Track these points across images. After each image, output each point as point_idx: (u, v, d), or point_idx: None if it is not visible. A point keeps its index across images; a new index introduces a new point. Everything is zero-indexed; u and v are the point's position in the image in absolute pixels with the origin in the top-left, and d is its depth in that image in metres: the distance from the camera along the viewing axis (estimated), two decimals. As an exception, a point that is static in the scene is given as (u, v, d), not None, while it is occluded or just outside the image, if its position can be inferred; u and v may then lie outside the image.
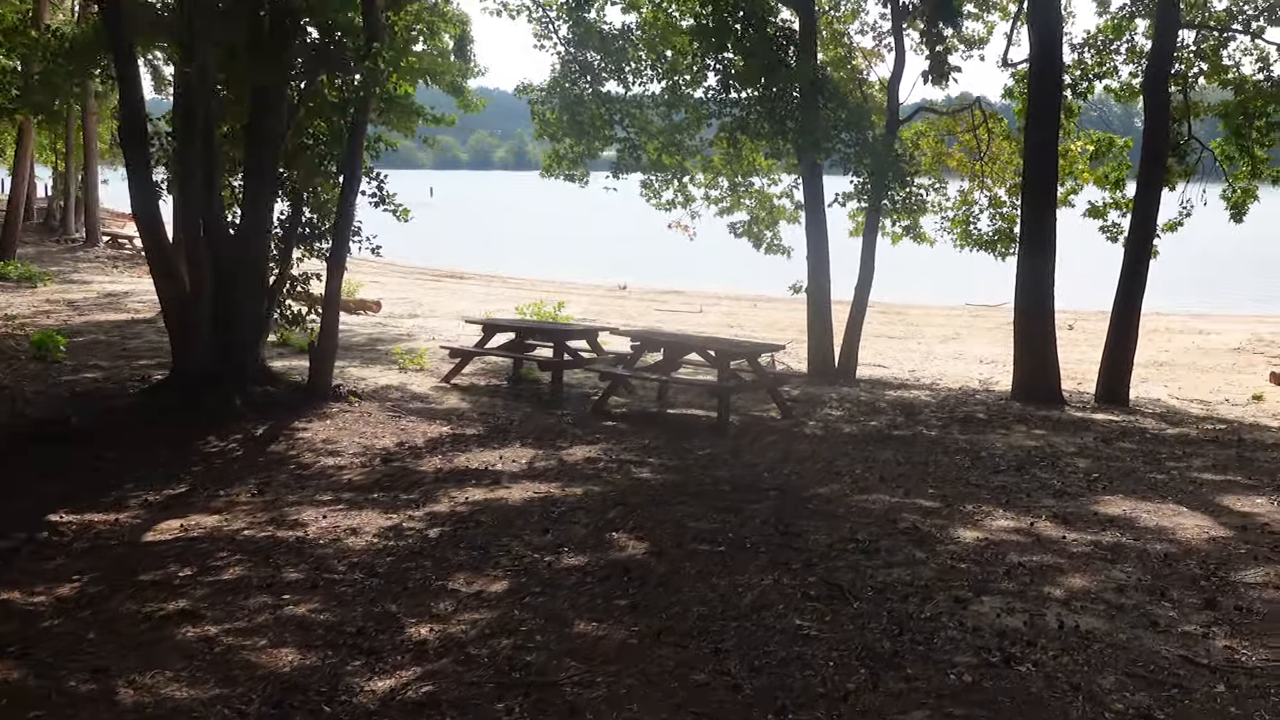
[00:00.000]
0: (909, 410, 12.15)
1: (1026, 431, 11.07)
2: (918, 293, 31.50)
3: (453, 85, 19.47)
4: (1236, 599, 5.60)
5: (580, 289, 31.81)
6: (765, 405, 11.83)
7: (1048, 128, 13.31)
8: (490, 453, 9.07)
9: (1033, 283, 13.16)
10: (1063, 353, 19.15)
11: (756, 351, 11.37)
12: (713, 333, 22.03)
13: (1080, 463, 9.48)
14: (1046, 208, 13.21)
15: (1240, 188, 15.15)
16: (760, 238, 17.13)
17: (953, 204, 17.00)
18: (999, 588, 5.71)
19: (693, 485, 8.04)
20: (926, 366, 18.00)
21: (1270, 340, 21.94)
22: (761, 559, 6.13)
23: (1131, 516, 7.44)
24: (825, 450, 9.76)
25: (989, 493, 8.12)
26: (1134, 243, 13.85)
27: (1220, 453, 10.18)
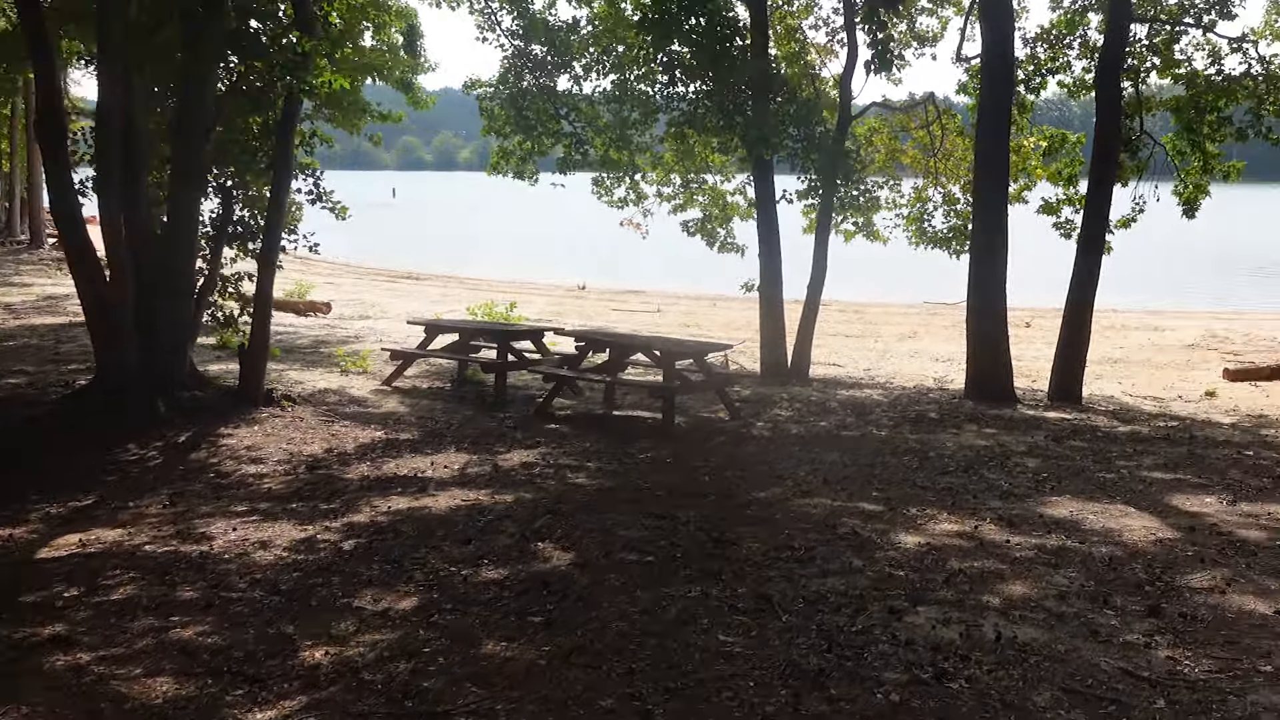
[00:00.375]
0: (860, 410, 11.93)
1: (977, 431, 10.87)
2: (877, 290, 31.41)
3: (402, 81, 19.11)
4: (1181, 605, 5.38)
5: (539, 289, 31.48)
6: (714, 406, 11.56)
7: (999, 124, 13.12)
8: (422, 458, 8.74)
9: (985, 280, 12.97)
10: (1019, 350, 19.10)
11: (703, 351, 11.10)
12: (669, 333, 21.78)
13: (1030, 462, 9.28)
14: (998, 204, 13.02)
15: (1192, 184, 15.05)
16: (713, 236, 16.87)
17: (907, 201, 16.82)
18: (936, 597, 5.45)
19: (629, 491, 7.76)
20: (882, 365, 17.82)
21: (1224, 336, 21.95)
22: (691, 569, 5.84)
23: (1078, 518, 7.23)
24: (771, 452, 9.51)
25: (935, 495, 7.88)
26: (1086, 239, 13.70)
27: (1171, 450, 10.01)
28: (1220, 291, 33.31)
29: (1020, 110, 15.82)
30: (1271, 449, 10.29)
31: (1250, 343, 21.20)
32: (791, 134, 12.92)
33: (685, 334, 21.83)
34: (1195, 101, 13.93)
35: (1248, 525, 7.09)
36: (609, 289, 31.61)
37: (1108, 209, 13.82)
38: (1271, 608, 5.30)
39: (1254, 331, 22.80)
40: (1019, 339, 20.94)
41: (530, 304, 26.76)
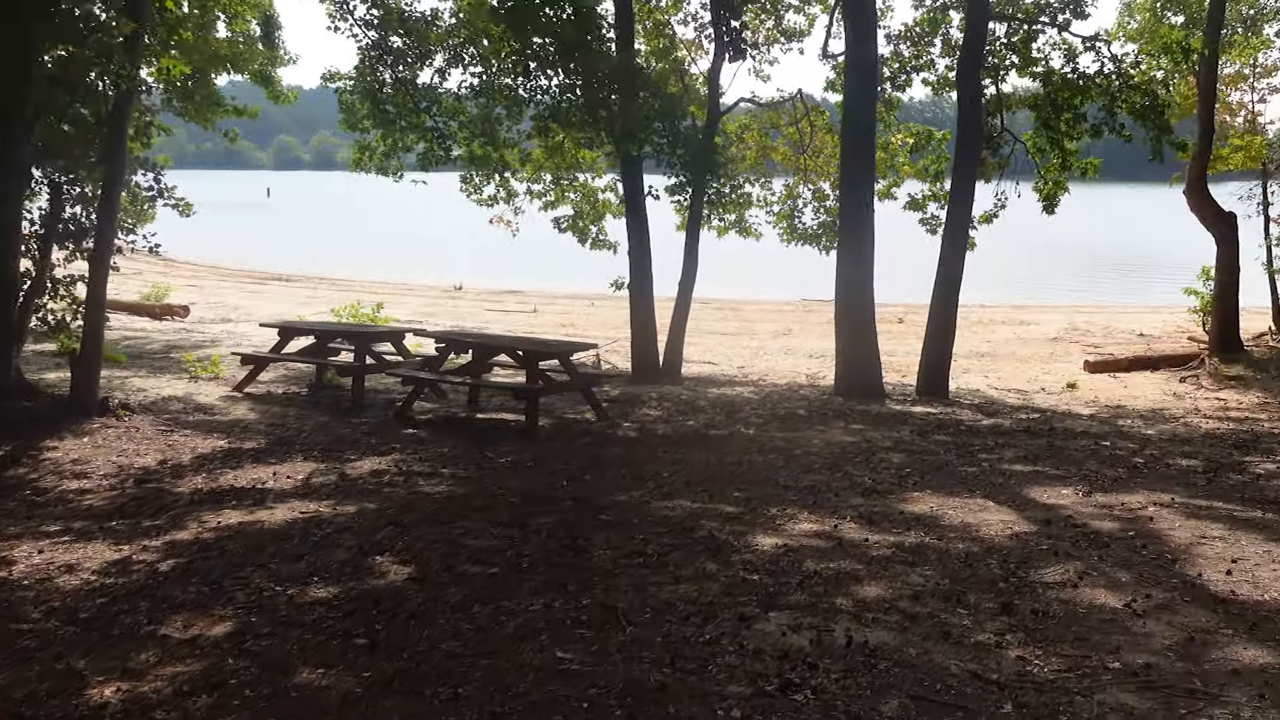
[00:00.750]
0: (729, 408, 11.78)
1: (845, 427, 10.81)
2: (755, 288, 31.58)
3: (261, 75, 18.34)
4: (1034, 601, 5.29)
5: (415, 290, 30.80)
6: (582, 407, 11.27)
7: (865, 121, 13.15)
8: (265, 468, 8.24)
9: (852, 277, 12.98)
10: (891, 345, 19.29)
11: (568, 351, 10.80)
12: (545, 333, 21.44)
13: (894, 458, 9.23)
14: (865, 201, 13.04)
15: (1052, 180, 15.34)
16: (585, 233, 16.58)
17: (778, 198, 16.80)
18: (789, 601, 5.25)
19: (481, 498, 7.41)
20: (756, 362, 17.79)
21: (1085, 329, 22.61)
22: (537, 580, 5.54)
23: (937, 514, 7.15)
24: (635, 454, 9.27)
25: (797, 494, 7.73)
26: (950, 235, 13.85)
27: (1031, 443, 10.09)
28: (1082, 286, 34.48)
29: (887, 108, 15.94)
30: (1127, 439, 10.47)
31: (1110, 335, 21.87)
32: (657, 129, 12.71)
33: (561, 334, 21.52)
34: (1052, 99, 14.19)
35: (1101, 517, 7.10)
36: (486, 289, 31.10)
37: (971, 205, 14.02)
38: (1121, 601, 5.24)
39: (1113, 324, 23.54)
40: (891, 335, 21.20)
41: (403, 305, 26.10)
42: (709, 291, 30.22)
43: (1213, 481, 8.41)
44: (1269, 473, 8.77)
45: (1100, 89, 13.77)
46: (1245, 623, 4.94)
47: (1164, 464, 9.15)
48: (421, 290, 30.82)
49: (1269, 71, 19.53)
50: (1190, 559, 6.02)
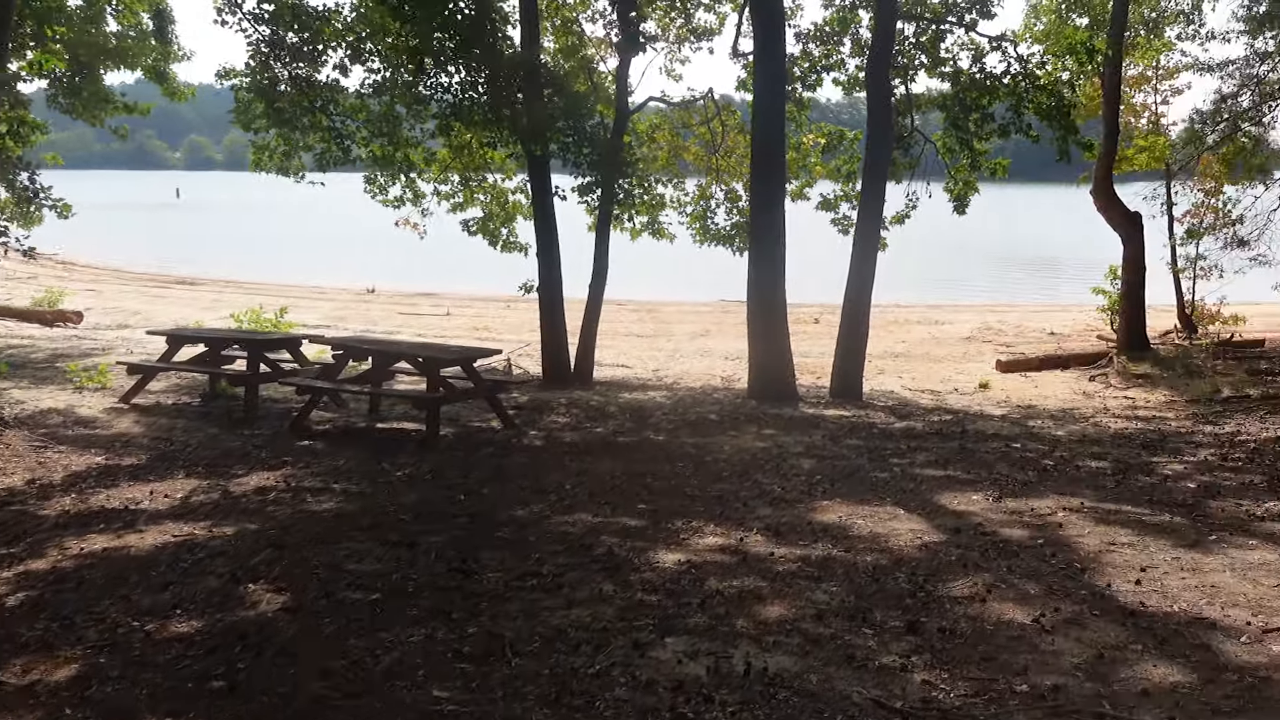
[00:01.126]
0: (639, 414, 11.51)
1: (756, 432, 10.61)
2: (673, 289, 31.44)
3: (155, 71, 17.63)
4: (941, 618, 5.08)
5: (327, 293, 30.07)
6: (489, 415, 10.90)
7: (774, 120, 12.97)
8: (141, 487, 7.74)
9: (764, 278, 12.79)
10: (806, 347, 19.22)
11: (471, 357, 10.42)
12: (457, 337, 20.98)
13: (805, 464, 9.03)
14: (775, 201, 12.85)
15: (962, 180, 15.37)
16: (495, 235, 16.20)
17: (691, 199, 16.60)
18: (689, 624, 4.98)
19: (372, 515, 7.02)
20: (671, 365, 17.56)
21: (998, 329, 22.82)
22: (421, 606, 5.18)
23: (847, 523, 6.94)
24: (539, 464, 8.94)
25: (704, 504, 7.48)
26: (862, 235, 13.74)
27: (944, 446, 9.99)
28: (995, 286, 34.96)
29: (798, 107, 15.83)
30: (1037, 440, 10.43)
31: (1021, 334, 22.09)
32: (562, 128, 12.38)
33: (474, 337, 21.09)
34: (960, 99, 14.19)
35: (1011, 524, 6.96)
36: (400, 292, 30.47)
37: (882, 205, 13.93)
38: (1030, 616, 5.07)
39: (1025, 323, 23.81)
40: (806, 336, 21.15)
41: (313, 309, 25.43)
42: (627, 293, 30.03)
43: (1121, 484, 8.36)
44: (1176, 474, 8.76)
45: (1007, 89, 13.80)
46: (1155, 637, 4.78)
47: (1073, 466, 9.09)
48: (334, 294, 30.09)
49: (1171, 74, 19.90)
50: (1099, 568, 5.89)
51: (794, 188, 16.39)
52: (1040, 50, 14.56)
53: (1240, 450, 9.81)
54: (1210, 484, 8.26)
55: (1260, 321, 21.05)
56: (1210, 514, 7.23)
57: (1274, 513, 7.21)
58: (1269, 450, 9.70)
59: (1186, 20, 18.77)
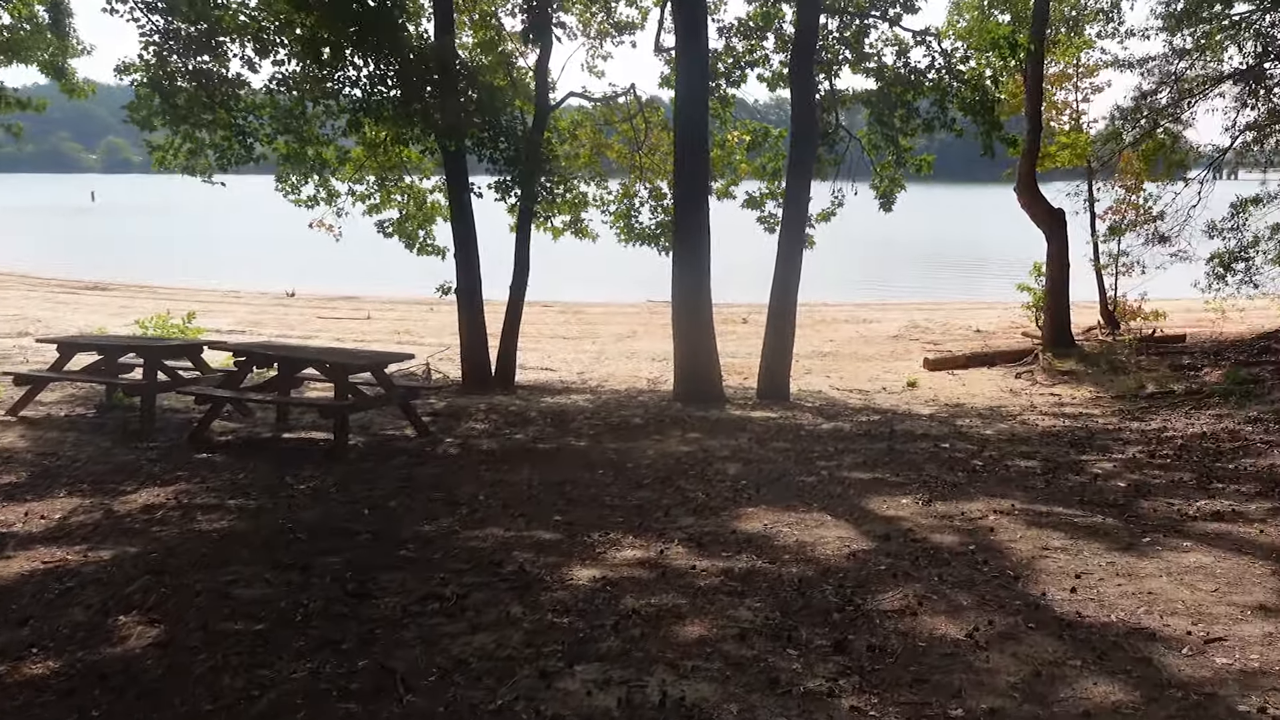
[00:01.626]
0: (561, 419, 11.11)
1: (681, 436, 10.28)
2: (601, 289, 31.09)
3: (52, 66, 16.78)
4: (870, 635, 4.77)
5: (244, 298, 29.26)
6: (405, 423, 10.43)
7: (697, 116, 12.66)
8: (16, 508, 7.16)
9: (688, 277, 12.48)
10: (734, 347, 18.99)
11: (382, 362, 9.93)
12: (377, 341, 20.40)
13: (730, 468, 8.72)
14: (699, 199, 12.56)
15: (887, 177, 15.22)
16: (413, 237, 15.73)
17: (614, 197, 16.25)
18: (601, 649, 4.60)
19: (266, 534, 6.53)
20: (596, 368, 17.20)
21: (925, 327, 22.82)
22: (309, 637, 4.74)
23: (772, 532, 6.62)
24: (453, 474, 8.50)
25: (623, 514, 7.11)
26: (787, 233, 13.49)
27: (872, 447, 9.74)
28: (922, 284, 35.14)
29: (722, 104, 15.57)
30: (966, 440, 10.23)
31: (948, 332, 22.10)
32: (478, 123, 11.93)
33: (395, 341, 20.52)
34: (885, 94, 14.01)
35: (942, 529, 6.70)
36: (320, 295, 29.70)
37: (807, 202, 13.70)
38: (963, 630, 4.77)
39: (951, 321, 23.86)
40: (735, 336, 20.93)
41: (227, 314, 24.65)
42: (553, 295, 29.64)
43: (1051, 484, 8.16)
44: (1105, 472, 8.59)
45: (932, 84, 13.65)
46: (1094, 651, 4.52)
47: (1003, 466, 8.89)
48: (251, 298, 29.28)
49: (1091, 71, 20.01)
50: (1033, 575, 5.63)
51: (719, 186, 16.16)
52: (964, 45, 14.43)
53: (1168, 447, 9.70)
54: (1140, 482, 8.09)
55: (1180, 317, 21.29)
56: (1142, 514, 7.04)
57: (1206, 512, 7.04)
58: (1196, 447, 9.60)
59: (1106, 18, 18.89)
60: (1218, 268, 17.48)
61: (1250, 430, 10.25)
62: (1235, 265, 17.31)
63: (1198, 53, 17.80)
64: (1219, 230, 17.47)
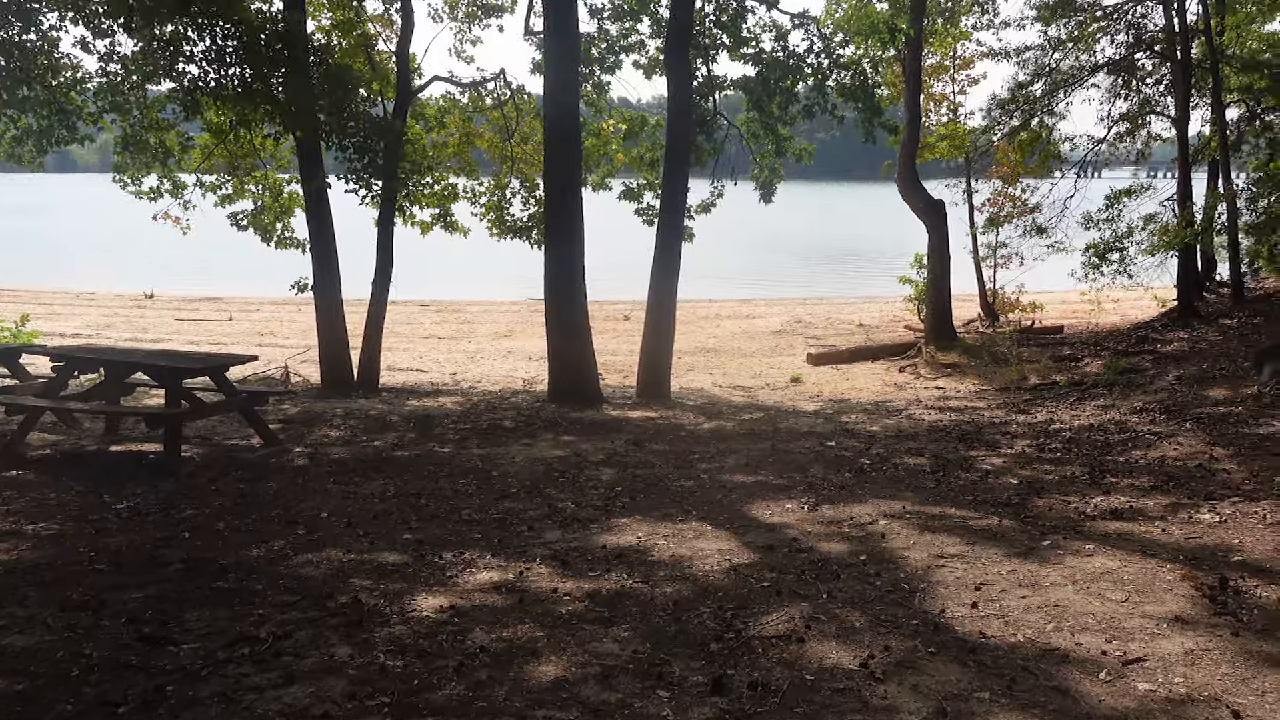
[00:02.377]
0: (425, 424, 10.30)
1: (554, 440, 9.59)
2: (482, 287, 30.18)
3: None
4: (753, 668, 4.16)
5: (97, 299, 27.57)
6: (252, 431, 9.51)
7: (568, 102, 11.94)
8: None
9: (560, 272, 11.79)
10: (615, 344, 18.38)
11: (221, 365, 8.99)
12: (234, 343, 19.20)
13: (604, 474, 8.07)
14: (571, 190, 11.85)
15: (767, 167, 14.77)
16: (269, 230, 14.70)
17: (485, 189, 15.47)
18: (437, 699, 3.89)
19: (59, 566, 5.62)
20: (471, 367, 16.40)
21: (808, 321, 22.56)
22: (83, 699, 3.91)
23: (646, 545, 5.99)
24: (297, 488, 7.65)
25: (483, 529, 6.40)
26: (665, 225, 12.89)
27: (755, 447, 9.21)
28: (803, 279, 35.09)
29: (596, 91, 14.92)
30: (852, 437, 9.78)
31: (831, 326, 21.88)
32: (323, 105, 10.99)
33: (257, 342, 19.36)
34: (764, 80, 13.53)
35: (830, 536, 6.16)
36: (181, 296, 28.14)
37: (684, 193, 13.11)
38: (857, 659, 4.20)
39: (834, 316, 23.68)
40: (616, 334, 20.34)
41: (77, 317, 23.06)
42: (430, 292, 28.65)
43: (942, 483, 7.72)
44: (996, 468, 8.20)
45: (812, 69, 13.22)
46: (1003, 679, 3.98)
47: (891, 465, 8.44)
48: (105, 300, 27.58)
49: (967, 63, 19.95)
50: (930, 588, 5.10)
51: (594, 177, 15.52)
52: (843, 32, 14.05)
53: (1056, 440, 9.39)
54: (1032, 479, 7.71)
55: (1056, 309, 21.44)
56: (1038, 514, 6.62)
57: (1104, 510, 6.66)
58: (1084, 439, 9.31)
59: (981, 10, 18.82)
60: (1093, 258, 17.54)
61: (1137, 421, 10.03)
62: (1110, 255, 17.37)
63: (1071, 44, 17.84)
64: (1094, 221, 17.53)
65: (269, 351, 17.85)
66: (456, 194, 15.25)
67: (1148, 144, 18.84)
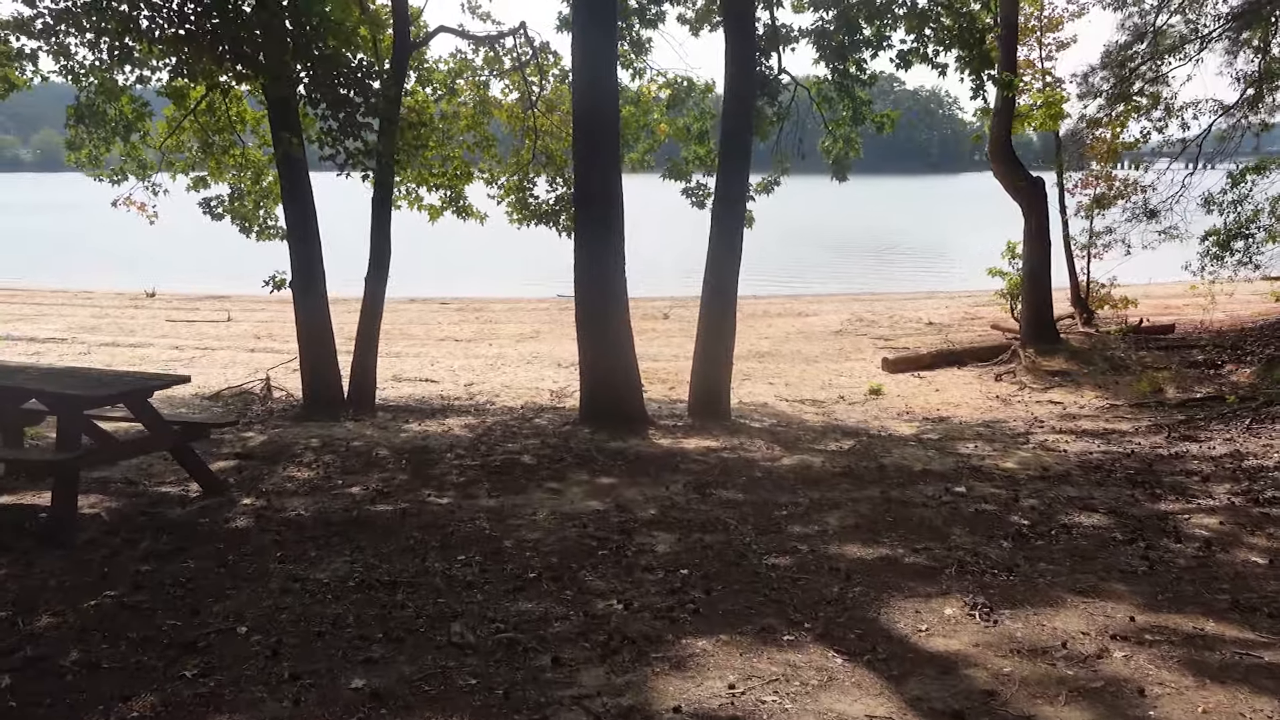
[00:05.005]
0: (422, 459, 7.97)
1: (589, 483, 7.24)
2: (508, 283, 27.91)
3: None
4: None
5: (94, 298, 25.56)
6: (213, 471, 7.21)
7: (601, 64, 9.44)
8: None
9: (595, 270, 9.39)
10: (655, 348, 15.99)
11: (143, 389, 6.66)
12: (225, 349, 17.01)
13: (661, 543, 5.73)
14: (605, 167, 9.39)
15: (841, 137, 12.32)
16: (250, 218, 12.43)
17: (504, 166, 13.12)
18: None
19: None
20: (490, 377, 14.06)
21: (871, 320, 20.08)
22: None
23: (745, 708, 3.63)
24: (221, 575, 5.33)
25: (478, 667, 4.08)
26: (723, 208, 10.38)
27: (860, 495, 6.82)
28: (854, 275, 32.50)
29: (635, 50, 12.53)
30: (984, 478, 7.37)
31: (898, 325, 19.41)
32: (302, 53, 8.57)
33: (251, 346, 17.15)
34: (845, 22, 11.05)
35: (1044, 685, 3.76)
36: (184, 295, 26.07)
37: (747, 169, 10.56)
38: None
39: (897, 313, 21.17)
40: (655, 335, 17.95)
41: (62, 319, 20.93)
42: (451, 288, 26.36)
43: (1154, 563, 5.32)
44: (1215, 534, 5.79)
45: (908, 9, 10.70)
46: None
47: (1060, 527, 6.03)
48: (103, 298, 25.58)
49: (1055, 24, 17.38)
50: None
51: (634, 154, 13.13)
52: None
53: (1267, 484, 6.94)
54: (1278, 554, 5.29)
55: (1147, 305, 18.83)
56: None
57: None
58: (1309, 483, 6.86)
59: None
60: (1213, 247, 14.97)
61: (1363, 455, 7.56)
62: (1234, 244, 14.79)
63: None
64: (1216, 203, 14.94)
65: (261, 358, 15.65)
66: (470, 173, 12.92)
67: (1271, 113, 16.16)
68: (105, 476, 7.25)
